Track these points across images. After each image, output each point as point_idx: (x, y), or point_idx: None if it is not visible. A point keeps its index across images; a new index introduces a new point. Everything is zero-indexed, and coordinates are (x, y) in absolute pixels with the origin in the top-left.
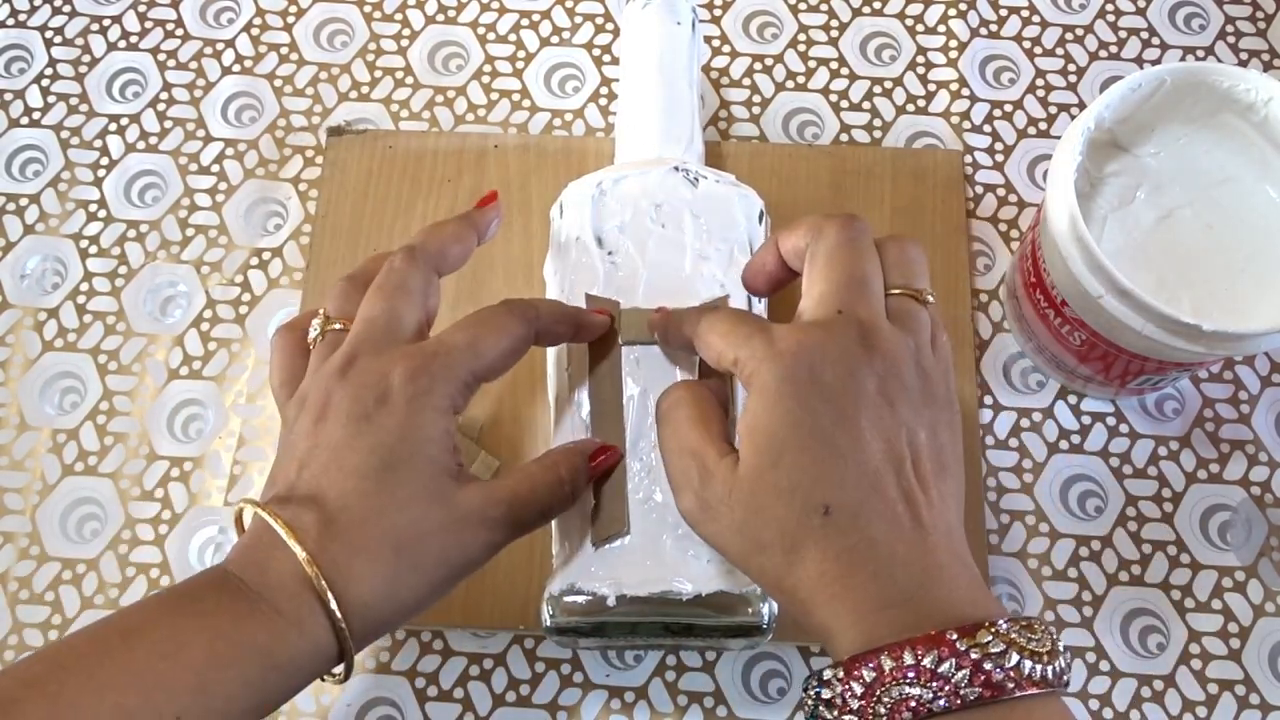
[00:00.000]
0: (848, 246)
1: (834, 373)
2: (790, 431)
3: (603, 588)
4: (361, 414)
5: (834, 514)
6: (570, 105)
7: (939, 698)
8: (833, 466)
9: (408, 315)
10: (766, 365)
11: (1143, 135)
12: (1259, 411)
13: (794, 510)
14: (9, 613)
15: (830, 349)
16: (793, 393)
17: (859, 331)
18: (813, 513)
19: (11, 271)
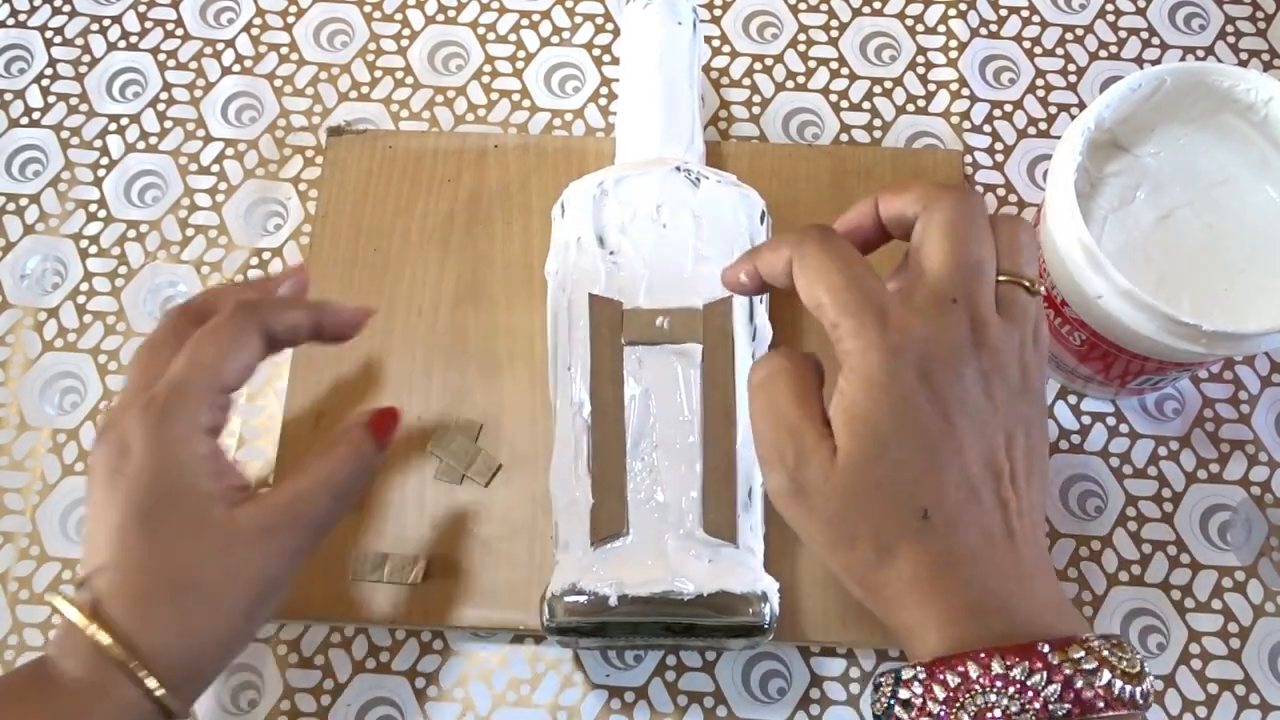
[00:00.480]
0: (966, 224)
1: (943, 370)
2: (895, 427)
3: (604, 588)
4: (111, 470)
5: (932, 518)
6: (570, 105)
7: (1025, 711)
8: (934, 469)
9: (155, 370)
10: (876, 353)
11: (1143, 135)
12: (1259, 411)
13: (892, 509)
14: (9, 613)
15: (944, 344)
16: (900, 387)
17: (971, 325)
18: (911, 515)
19: (11, 271)
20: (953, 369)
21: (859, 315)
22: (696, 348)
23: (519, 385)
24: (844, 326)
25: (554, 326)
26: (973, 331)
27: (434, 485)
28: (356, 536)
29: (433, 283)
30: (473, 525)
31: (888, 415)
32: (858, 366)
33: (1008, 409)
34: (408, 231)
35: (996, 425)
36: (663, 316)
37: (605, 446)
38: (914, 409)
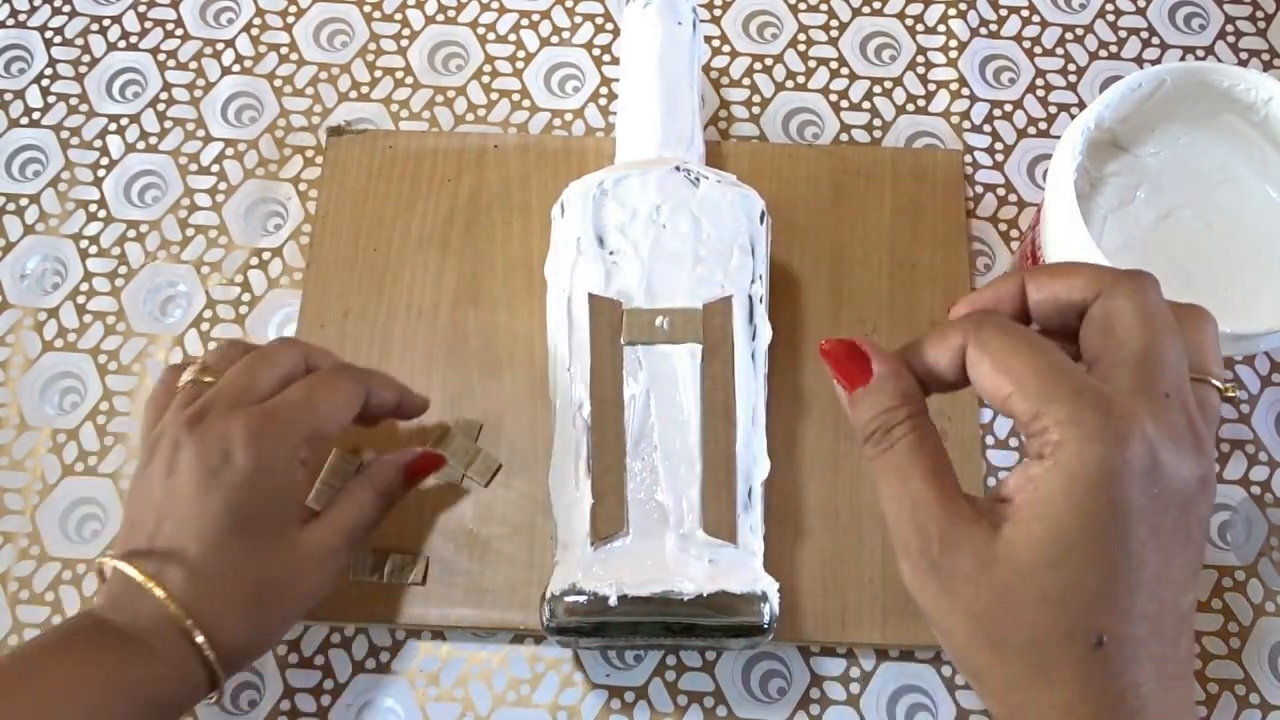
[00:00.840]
0: (1164, 314)
1: (1172, 475)
2: (1090, 535)
3: (604, 588)
4: (208, 471)
5: (1108, 647)
6: (570, 105)
7: None
8: (1124, 592)
9: (264, 383)
10: (1097, 445)
11: (1143, 135)
12: (1259, 411)
13: (1059, 626)
14: (9, 613)
15: (1171, 444)
16: (1117, 489)
17: (1191, 431)
18: (1080, 638)
19: (11, 271)
20: (1181, 475)
21: (1072, 402)
22: (696, 348)
23: (519, 385)
24: (1052, 415)
25: (554, 326)
26: (1192, 437)
27: (434, 485)
28: None
29: (433, 283)
30: (473, 525)
31: (1086, 519)
32: (1068, 460)
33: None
34: (408, 231)
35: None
36: (663, 316)
37: (605, 446)
38: (1122, 516)
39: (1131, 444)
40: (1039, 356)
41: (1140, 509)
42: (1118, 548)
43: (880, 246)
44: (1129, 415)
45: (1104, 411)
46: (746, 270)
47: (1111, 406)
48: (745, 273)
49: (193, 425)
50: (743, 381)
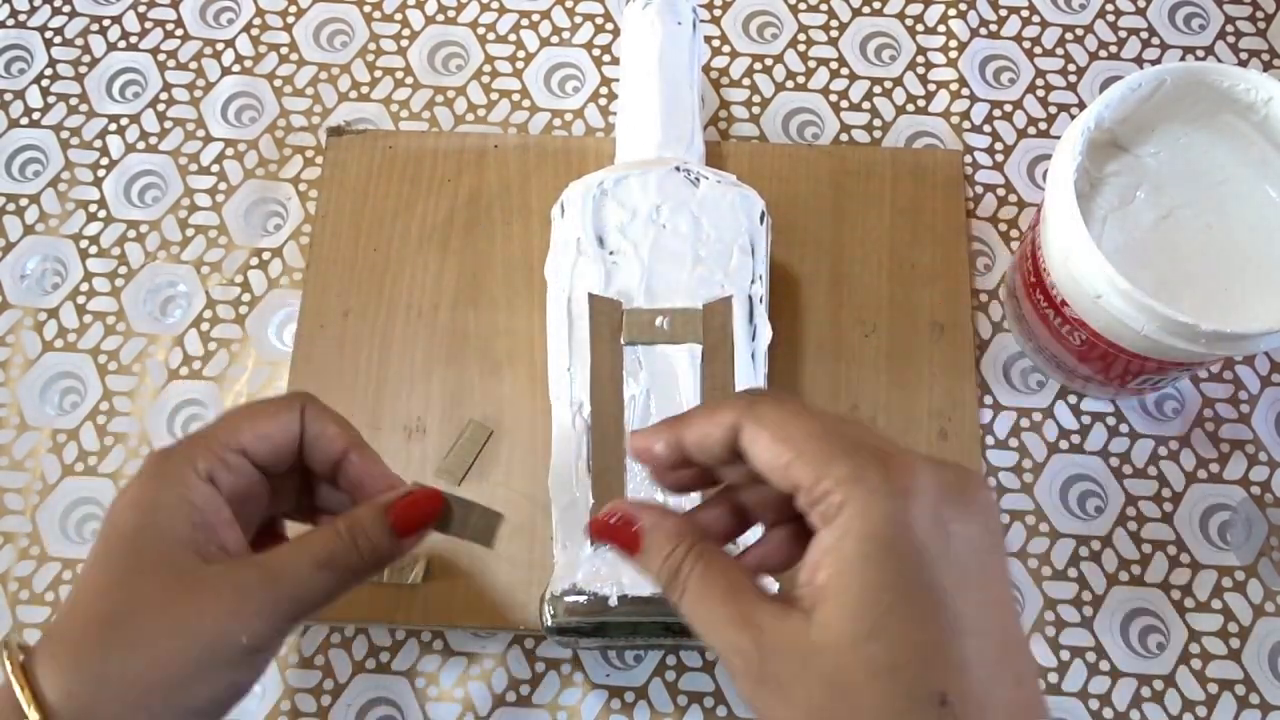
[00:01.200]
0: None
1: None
2: (901, 595)
3: (604, 588)
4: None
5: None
6: (570, 105)
7: None
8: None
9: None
10: (882, 502)
11: (1143, 135)
12: (1259, 411)
13: (898, 696)
14: (9, 613)
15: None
16: (911, 543)
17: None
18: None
19: (11, 271)
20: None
21: (851, 460)
22: (696, 348)
23: (519, 385)
24: (833, 475)
25: (554, 326)
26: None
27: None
28: None
29: (433, 283)
30: None
31: (892, 580)
32: (853, 523)
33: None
34: (408, 231)
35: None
36: (663, 316)
37: (605, 446)
38: (925, 565)
39: (915, 492)
40: (814, 421)
41: (941, 553)
42: (930, 598)
43: (880, 246)
44: (907, 465)
45: (882, 464)
46: (746, 270)
47: (889, 459)
48: (745, 273)
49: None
50: (743, 381)
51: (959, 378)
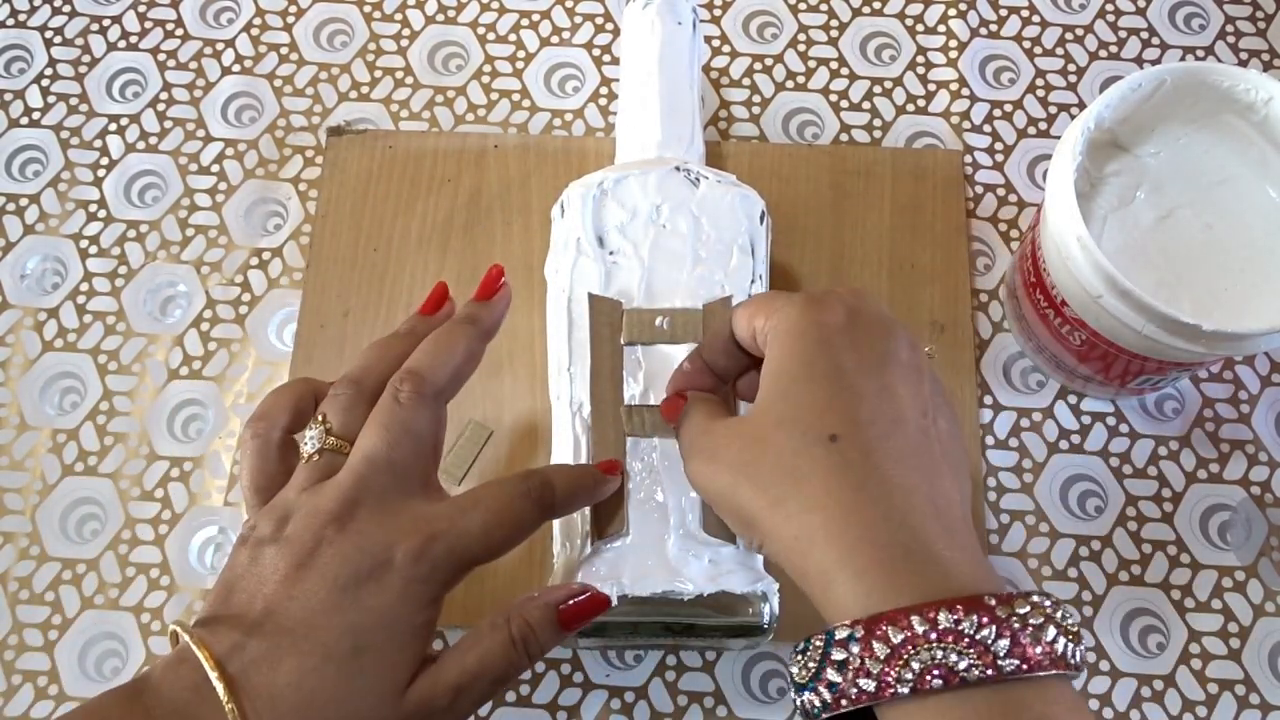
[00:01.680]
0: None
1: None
2: (804, 367)
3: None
4: (351, 581)
5: (842, 442)
6: (570, 105)
7: (974, 667)
8: (846, 401)
9: (413, 464)
10: (792, 308)
11: (1143, 135)
12: (1259, 411)
13: (795, 437)
14: (9, 613)
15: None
16: (817, 335)
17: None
18: (815, 439)
19: (11, 271)
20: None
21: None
22: None
23: (519, 385)
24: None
25: (554, 326)
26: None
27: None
28: None
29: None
30: None
31: (799, 357)
32: (779, 329)
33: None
34: (408, 231)
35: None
36: (662, 316)
37: (605, 447)
38: (831, 350)
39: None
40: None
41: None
42: (828, 374)
43: (880, 246)
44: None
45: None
46: (746, 270)
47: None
48: (745, 273)
49: (342, 523)
50: None
51: (959, 377)
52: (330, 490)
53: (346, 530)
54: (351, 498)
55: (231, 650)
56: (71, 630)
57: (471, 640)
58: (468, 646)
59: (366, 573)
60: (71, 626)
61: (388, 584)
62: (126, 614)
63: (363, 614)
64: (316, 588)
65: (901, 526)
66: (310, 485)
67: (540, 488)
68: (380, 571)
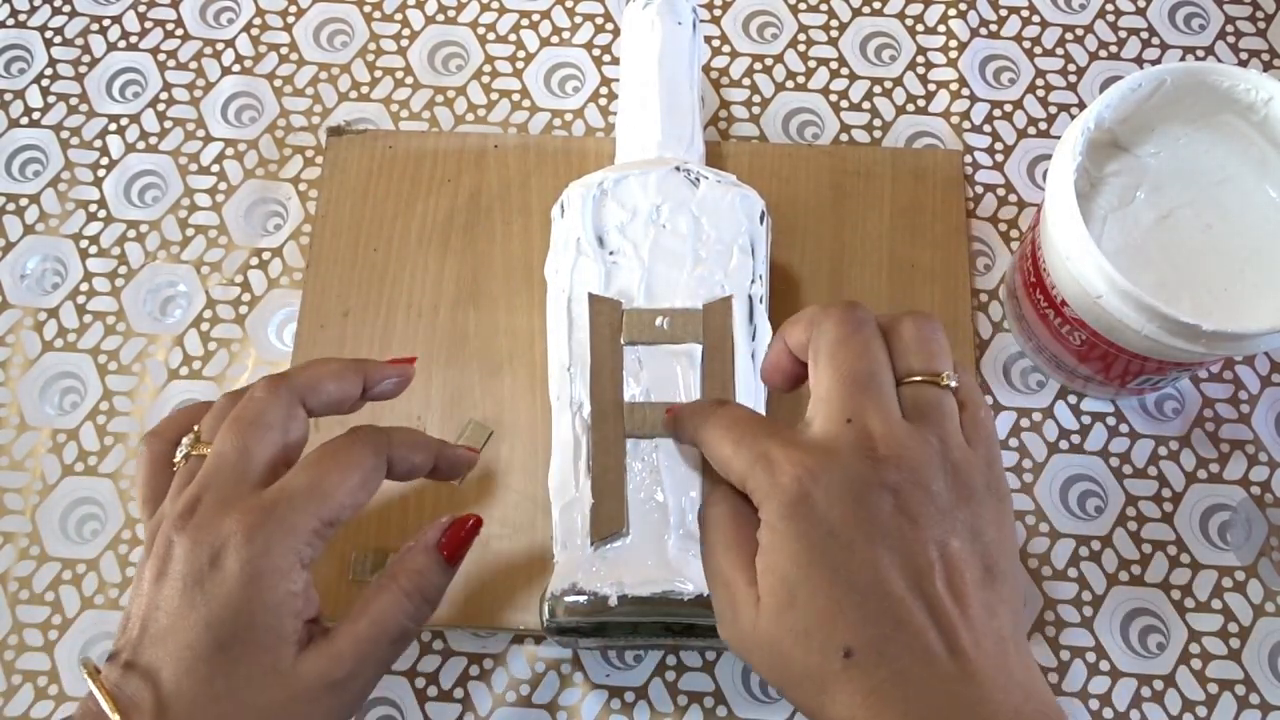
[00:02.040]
0: (849, 341)
1: (841, 503)
2: (800, 572)
3: (604, 587)
4: (195, 578)
5: (856, 655)
6: (570, 105)
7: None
8: (849, 605)
9: (259, 453)
10: (771, 500)
11: (1143, 135)
12: (1259, 411)
13: (813, 654)
14: (9, 613)
15: (834, 477)
16: (797, 531)
17: (868, 444)
18: (833, 656)
19: (11, 271)
20: (853, 496)
21: (754, 469)
22: (696, 348)
23: (519, 385)
24: (748, 485)
25: (554, 326)
26: (871, 450)
27: (434, 485)
28: (356, 537)
29: (433, 283)
30: None
31: (792, 561)
32: (763, 516)
33: (934, 520)
34: (408, 231)
35: (919, 540)
36: (663, 316)
37: (605, 446)
38: (816, 549)
39: (794, 495)
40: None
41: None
42: (824, 576)
43: (880, 246)
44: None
45: (771, 470)
46: (746, 270)
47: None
48: (745, 273)
49: (184, 520)
50: (743, 381)
51: None
52: (183, 495)
53: (186, 529)
54: (195, 495)
55: (120, 680)
56: (71, 630)
57: (360, 606)
58: (357, 613)
59: (207, 564)
60: (71, 626)
61: (228, 570)
62: None
63: (214, 606)
64: (171, 593)
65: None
66: (176, 494)
67: (372, 434)
68: (218, 560)
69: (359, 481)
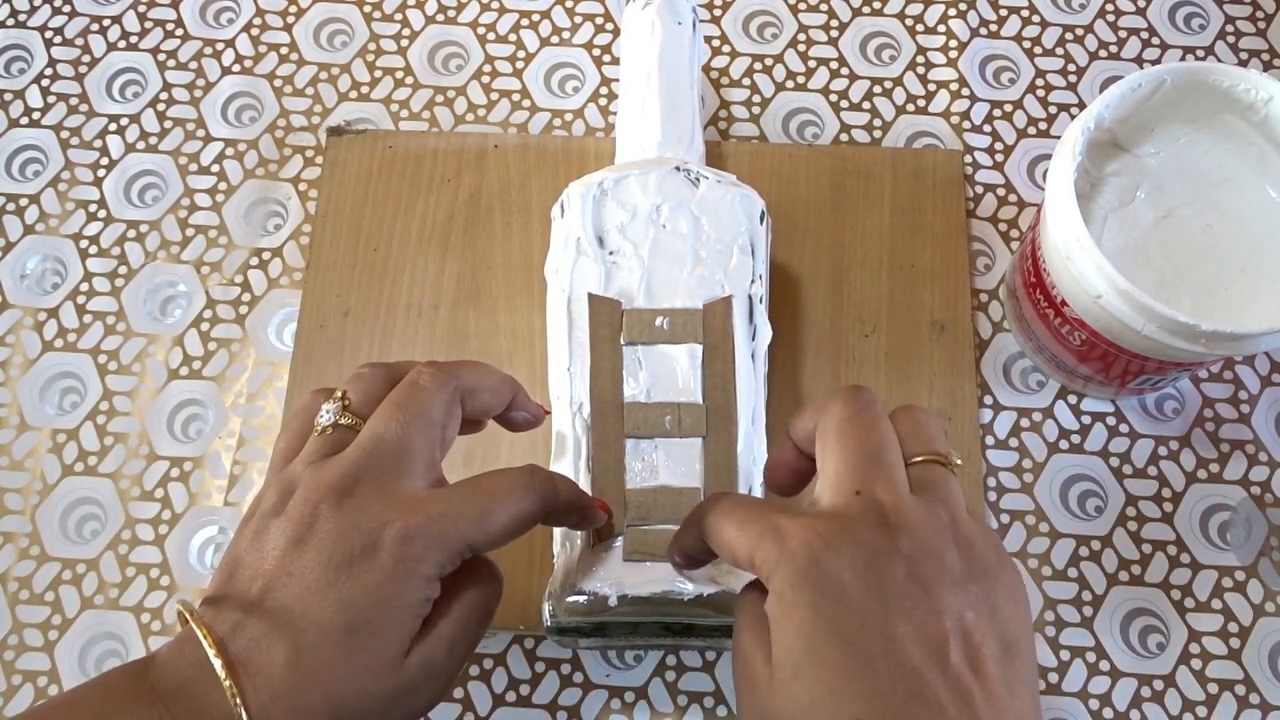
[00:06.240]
0: (857, 419)
1: (853, 569)
2: (807, 643)
3: (604, 587)
4: (344, 559)
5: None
6: (570, 105)
7: None
8: (859, 676)
9: (421, 447)
10: (779, 570)
11: (1143, 135)
12: (1259, 411)
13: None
14: (9, 613)
15: (846, 542)
16: (807, 600)
17: (879, 513)
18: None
19: (11, 271)
20: (865, 563)
21: (761, 543)
22: (696, 348)
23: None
24: (755, 559)
25: (554, 326)
26: (883, 519)
27: None
28: None
29: (433, 283)
30: None
31: (799, 632)
32: (772, 589)
33: (949, 590)
34: (408, 231)
35: (933, 609)
36: (663, 316)
37: (605, 446)
38: (825, 618)
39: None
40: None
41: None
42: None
43: (880, 246)
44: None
45: (780, 540)
46: (746, 270)
47: (784, 537)
48: (745, 273)
49: (340, 499)
50: (743, 381)
51: (959, 377)
52: (334, 466)
53: (344, 507)
54: (353, 474)
55: (232, 630)
56: (71, 630)
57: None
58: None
59: (360, 550)
60: (71, 626)
61: (380, 562)
62: (126, 614)
63: (356, 591)
64: (312, 564)
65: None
66: (317, 459)
67: (544, 482)
68: (373, 549)
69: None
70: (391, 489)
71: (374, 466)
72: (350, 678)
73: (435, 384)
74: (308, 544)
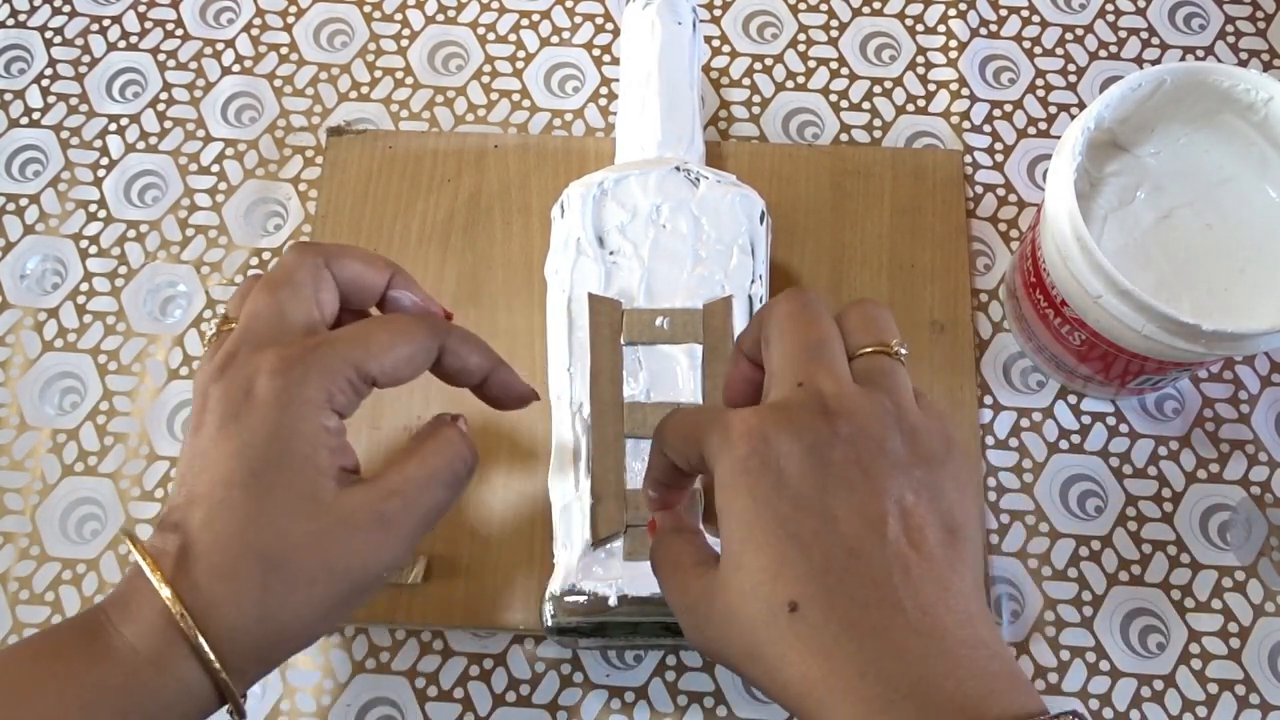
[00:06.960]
0: (799, 315)
1: (790, 454)
2: (746, 529)
3: (604, 588)
4: (230, 414)
5: (802, 609)
6: (570, 105)
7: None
8: (795, 558)
9: (294, 310)
10: (722, 460)
11: (1143, 135)
12: (1259, 411)
13: (759, 609)
14: (9, 613)
15: (785, 429)
16: (747, 486)
17: (820, 402)
18: (778, 612)
19: (11, 271)
20: (803, 447)
21: (707, 436)
22: (696, 348)
23: None
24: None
25: (554, 326)
26: (824, 407)
27: None
28: None
29: (433, 283)
30: (473, 525)
31: (739, 518)
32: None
33: (890, 474)
34: (408, 231)
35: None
36: (663, 316)
37: (605, 446)
38: (763, 502)
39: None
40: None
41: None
42: (769, 530)
43: (880, 246)
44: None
45: (725, 430)
46: (746, 270)
47: (728, 426)
48: (745, 273)
49: (221, 372)
50: None
51: (959, 377)
52: (217, 355)
53: (223, 377)
54: (229, 350)
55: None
56: None
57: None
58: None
59: (241, 400)
60: None
61: (259, 400)
62: None
63: (246, 435)
64: (210, 436)
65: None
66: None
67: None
68: (250, 392)
69: (406, 353)
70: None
71: (250, 339)
72: (265, 518)
73: (296, 253)
74: (204, 425)
